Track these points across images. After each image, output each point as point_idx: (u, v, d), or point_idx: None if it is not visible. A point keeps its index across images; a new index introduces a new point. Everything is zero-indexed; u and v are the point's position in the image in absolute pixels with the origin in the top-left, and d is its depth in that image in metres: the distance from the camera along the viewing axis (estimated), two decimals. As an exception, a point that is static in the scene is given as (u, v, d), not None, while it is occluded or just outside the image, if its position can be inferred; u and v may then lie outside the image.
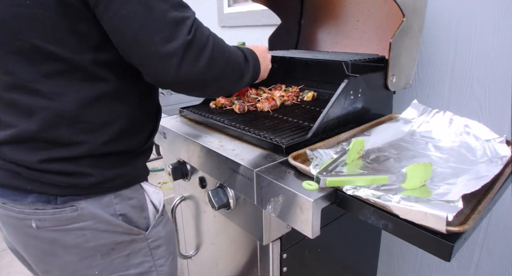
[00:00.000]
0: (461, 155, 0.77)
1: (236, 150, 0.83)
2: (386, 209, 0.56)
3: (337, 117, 0.88)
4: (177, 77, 0.60)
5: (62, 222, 0.65)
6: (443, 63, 1.15)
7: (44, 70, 0.59)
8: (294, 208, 0.65)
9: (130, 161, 0.73)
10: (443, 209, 0.50)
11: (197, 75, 0.61)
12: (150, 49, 0.57)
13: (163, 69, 0.58)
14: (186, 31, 0.58)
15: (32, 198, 0.64)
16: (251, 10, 1.92)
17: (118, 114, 0.67)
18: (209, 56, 0.61)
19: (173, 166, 1.07)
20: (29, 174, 0.63)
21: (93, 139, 0.64)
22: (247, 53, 0.76)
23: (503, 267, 1.14)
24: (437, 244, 0.52)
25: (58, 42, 0.57)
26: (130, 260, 0.74)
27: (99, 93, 0.63)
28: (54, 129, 0.61)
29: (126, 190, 0.71)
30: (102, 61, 0.62)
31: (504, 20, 0.97)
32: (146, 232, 0.74)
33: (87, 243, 0.68)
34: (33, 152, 0.62)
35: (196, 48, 0.59)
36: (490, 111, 1.06)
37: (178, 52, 0.57)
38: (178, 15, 0.58)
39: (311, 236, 0.64)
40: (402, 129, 0.92)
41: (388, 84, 0.96)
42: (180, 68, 0.58)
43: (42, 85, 0.59)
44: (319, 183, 0.61)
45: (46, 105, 0.60)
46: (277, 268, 0.88)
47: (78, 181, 0.64)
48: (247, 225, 0.89)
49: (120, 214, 0.70)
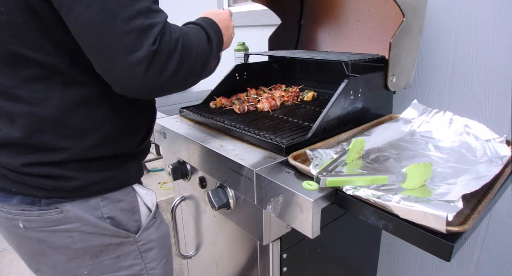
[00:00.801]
0: (461, 155, 0.77)
1: (236, 150, 0.83)
2: (386, 209, 0.56)
3: (337, 117, 0.88)
4: (144, 87, 0.57)
5: (48, 223, 0.65)
6: (443, 63, 1.15)
7: (24, 75, 0.57)
8: (294, 208, 0.65)
9: (122, 164, 0.71)
10: (443, 209, 0.50)
11: (165, 82, 0.58)
12: (113, 59, 0.53)
13: (127, 80, 0.55)
14: (152, 40, 0.54)
15: (17, 200, 0.64)
16: (251, 10, 1.92)
17: (102, 120, 0.65)
18: (177, 61, 0.58)
19: (173, 166, 1.08)
20: (14, 176, 0.62)
21: (76, 144, 0.63)
22: (210, 31, 0.70)
23: (503, 267, 1.14)
24: (437, 244, 0.52)
25: (35, 47, 0.56)
26: (120, 262, 0.73)
27: (81, 98, 0.61)
28: (37, 134, 0.60)
29: (115, 193, 0.70)
30: (82, 65, 0.59)
31: (504, 20, 0.97)
32: (135, 235, 0.73)
33: (75, 245, 0.67)
34: (16, 156, 0.61)
35: (163, 56, 0.55)
36: (490, 111, 1.06)
37: (142, 62, 0.53)
38: (144, 22, 0.53)
39: (311, 236, 0.64)
40: (402, 129, 0.92)
41: (388, 84, 0.96)
42: (146, 78, 0.55)
43: (23, 90, 0.58)
44: (319, 183, 0.61)
45: (28, 111, 0.59)
46: (277, 268, 0.88)
47: (63, 184, 0.64)
48: (247, 225, 0.89)
49: (108, 217, 0.69)
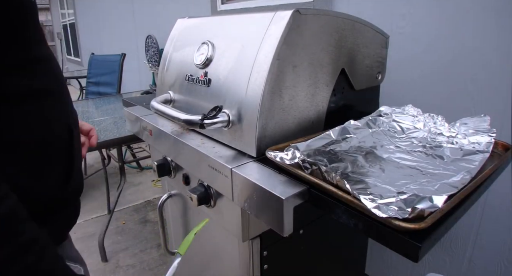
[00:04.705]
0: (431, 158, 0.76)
1: (216, 148, 0.83)
2: (357, 205, 0.55)
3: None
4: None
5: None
6: (437, 61, 1.14)
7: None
8: (267, 206, 0.65)
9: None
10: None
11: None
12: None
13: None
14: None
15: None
16: (245, 7, 1.91)
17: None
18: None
19: (158, 162, 1.07)
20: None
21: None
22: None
23: (496, 263, 1.13)
24: (405, 245, 0.51)
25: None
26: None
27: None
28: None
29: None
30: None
31: (496, 19, 0.96)
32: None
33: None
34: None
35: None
36: (483, 110, 1.05)
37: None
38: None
39: (283, 234, 0.63)
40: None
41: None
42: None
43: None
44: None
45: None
46: (258, 266, 0.88)
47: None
48: (227, 223, 0.88)
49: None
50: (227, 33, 0.90)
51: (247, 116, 0.76)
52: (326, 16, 0.82)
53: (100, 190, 2.83)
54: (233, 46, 0.85)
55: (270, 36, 0.75)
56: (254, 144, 0.76)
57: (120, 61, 3.02)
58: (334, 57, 0.86)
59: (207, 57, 0.90)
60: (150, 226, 2.37)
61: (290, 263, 0.96)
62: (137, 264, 1.99)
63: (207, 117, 0.78)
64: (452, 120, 0.83)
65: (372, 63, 1.01)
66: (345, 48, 0.89)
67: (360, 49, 0.94)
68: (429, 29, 1.14)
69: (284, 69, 0.76)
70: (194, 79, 0.94)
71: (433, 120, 0.85)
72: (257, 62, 0.75)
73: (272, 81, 0.74)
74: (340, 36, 0.86)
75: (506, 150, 0.76)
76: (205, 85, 0.89)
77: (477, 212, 1.14)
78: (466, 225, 1.17)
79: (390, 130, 0.86)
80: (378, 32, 1.00)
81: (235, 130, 0.80)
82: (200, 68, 0.92)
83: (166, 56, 1.10)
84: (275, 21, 0.76)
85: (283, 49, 0.74)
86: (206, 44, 0.92)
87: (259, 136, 0.75)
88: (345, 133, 0.81)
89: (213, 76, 0.88)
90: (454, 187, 0.58)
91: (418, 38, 1.18)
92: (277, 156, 0.68)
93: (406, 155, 0.75)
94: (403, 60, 1.23)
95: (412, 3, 1.17)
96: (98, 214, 2.52)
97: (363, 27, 0.93)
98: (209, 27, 0.99)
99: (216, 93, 0.86)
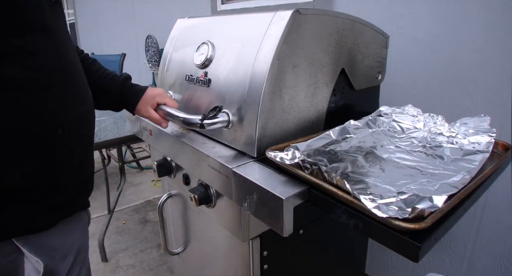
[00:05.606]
0: (431, 158, 0.76)
1: (216, 148, 0.83)
2: (357, 205, 0.55)
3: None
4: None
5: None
6: (436, 61, 1.14)
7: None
8: (267, 206, 0.65)
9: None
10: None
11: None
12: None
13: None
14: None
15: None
16: (245, 7, 1.91)
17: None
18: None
19: (158, 162, 1.07)
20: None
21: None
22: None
23: (496, 263, 1.13)
24: (405, 245, 0.51)
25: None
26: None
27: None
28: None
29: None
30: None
31: (495, 18, 0.96)
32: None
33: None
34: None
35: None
36: (483, 110, 1.05)
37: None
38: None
39: (283, 234, 0.63)
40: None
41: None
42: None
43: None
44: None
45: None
46: (258, 266, 0.88)
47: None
48: (227, 223, 0.88)
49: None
50: (227, 33, 0.90)
51: (247, 116, 0.76)
52: (326, 16, 0.82)
53: (100, 190, 2.83)
54: (233, 46, 0.85)
55: (270, 36, 0.75)
56: (254, 144, 0.76)
57: (120, 61, 3.02)
58: (334, 57, 0.86)
59: (207, 57, 0.90)
60: (150, 226, 2.37)
61: (290, 263, 0.96)
62: (137, 264, 1.99)
63: (207, 117, 0.78)
64: (452, 120, 0.83)
65: (372, 63, 1.01)
66: (345, 48, 0.89)
67: (360, 49, 0.94)
68: (429, 29, 1.14)
69: (284, 69, 0.76)
70: (194, 79, 0.94)
71: (433, 120, 0.85)
72: (257, 62, 0.75)
73: (272, 81, 0.74)
74: (340, 36, 0.86)
75: (506, 150, 0.76)
76: (205, 85, 0.89)
77: (477, 212, 1.14)
78: (466, 225, 1.17)
79: (390, 130, 0.86)
80: (378, 32, 1.00)
81: (235, 130, 0.80)
82: (200, 68, 0.92)
83: (166, 56, 1.10)
84: (275, 21, 0.76)
85: (283, 49, 0.74)
86: (206, 44, 0.92)
87: (259, 136, 0.75)
88: (345, 133, 0.81)
89: (213, 76, 0.88)
90: (454, 187, 0.58)
91: (418, 38, 1.18)
92: (277, 156, 0.68)
93: (406, 155, 0.75)
94: (403, 60, 1.23)
95: (412, 3, 1.17)
96: (98, 214, 2.52)
97: (363, 27, 0.93)
98: (209, 27, 0.99)
99: (216, 93, 0.86)
